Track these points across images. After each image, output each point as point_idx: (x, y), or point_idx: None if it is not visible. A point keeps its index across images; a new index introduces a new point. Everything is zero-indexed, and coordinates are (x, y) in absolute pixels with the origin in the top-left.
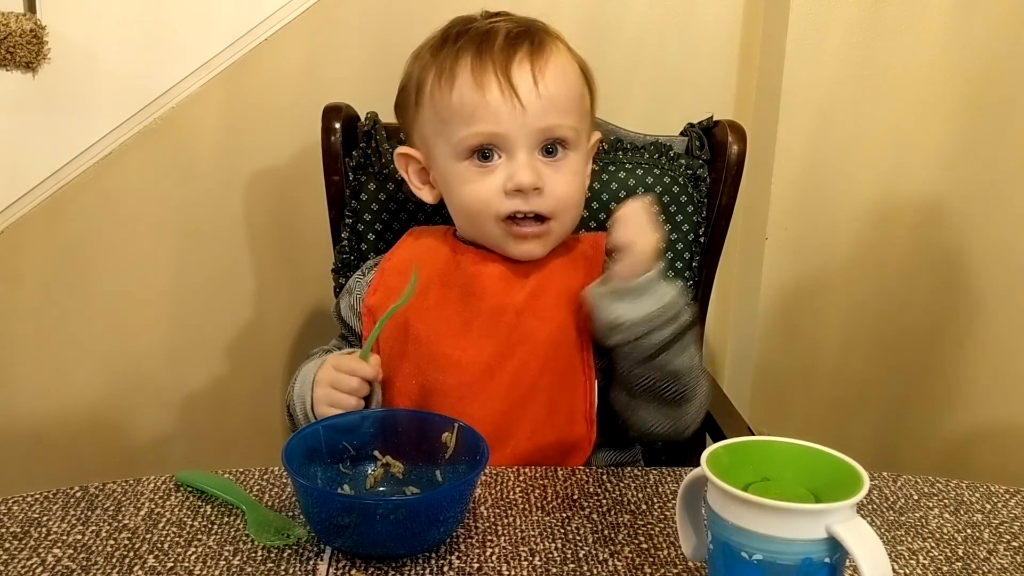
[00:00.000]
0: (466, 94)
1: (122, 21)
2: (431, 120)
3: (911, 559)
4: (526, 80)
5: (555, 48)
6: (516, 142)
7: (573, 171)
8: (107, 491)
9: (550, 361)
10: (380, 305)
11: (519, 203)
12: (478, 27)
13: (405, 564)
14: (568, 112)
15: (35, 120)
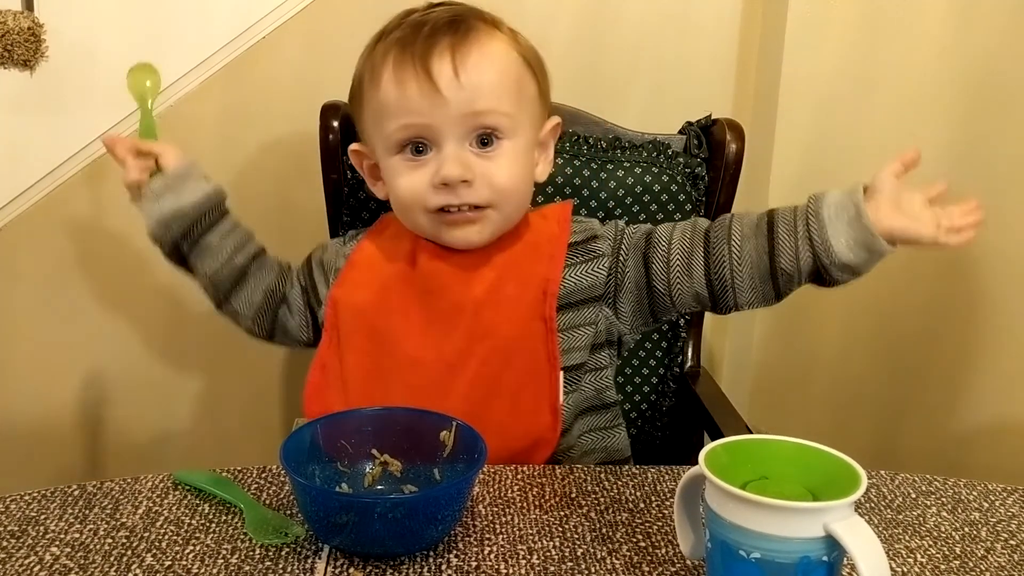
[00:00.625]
0: (388, 90)
1: (120, 19)
2: (368, 117)
3: (909, 557)
4: (446, 71)
5: (485, 35)
6: (443, 133)
7: (510, 159)
8: (105, 490)
9: (513, 355)
10: (345, 299)
11: (448, 196)
12: (411, 20)
13: (403, 562)
14: (498, 99)
15: (33, 118)
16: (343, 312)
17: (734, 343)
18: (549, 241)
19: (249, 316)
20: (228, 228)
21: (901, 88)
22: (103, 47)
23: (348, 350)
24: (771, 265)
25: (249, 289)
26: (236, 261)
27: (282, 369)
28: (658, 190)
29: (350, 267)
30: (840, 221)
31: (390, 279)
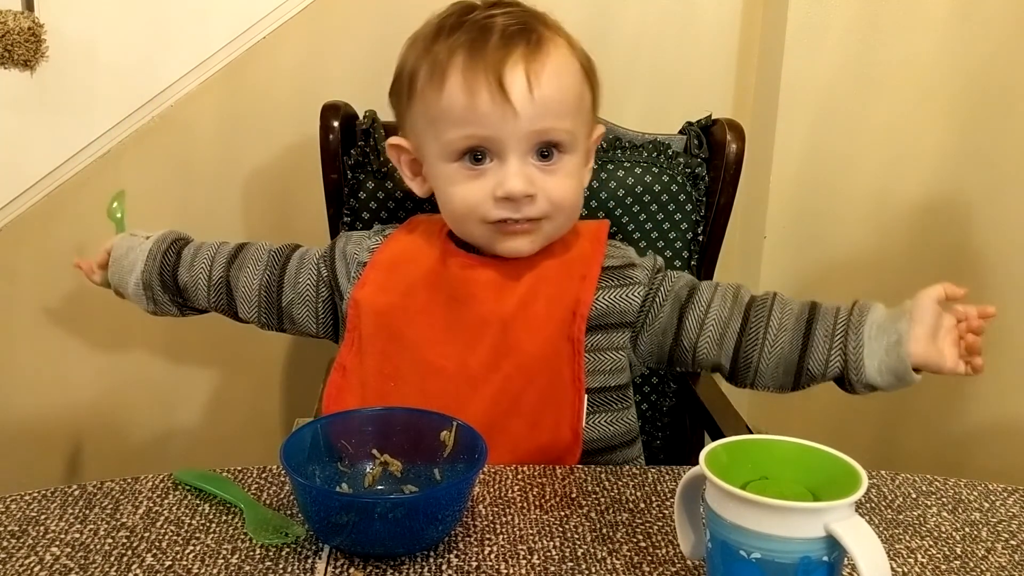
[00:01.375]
0: (455, 97)
1: (120, 19)
2: (422, 116)
3: (909, 557)
4: (519, 84)
5: (554, 46)
6: (507, 146)
7: (568, 173)
8: (105, 490)
9: (537, 375)
10: (367, 301)
11: (509, 211)
12: (474, 20)
13: (403, 562)
14: (564, 115)
15: (33, 118)
16: (365, 314)
17: None
18: (582, 261)
19: (255, 318)
20: (191, 256)
21: (901, 88)
22: (103, 47)
23: (368, 353)
24: (799, 363)
25: (241, 294)
26: (214, 277)
27: (283, 369)
28: (658, 190)
29: (373, 267)
30: (878, 343)
31: (416, 283)
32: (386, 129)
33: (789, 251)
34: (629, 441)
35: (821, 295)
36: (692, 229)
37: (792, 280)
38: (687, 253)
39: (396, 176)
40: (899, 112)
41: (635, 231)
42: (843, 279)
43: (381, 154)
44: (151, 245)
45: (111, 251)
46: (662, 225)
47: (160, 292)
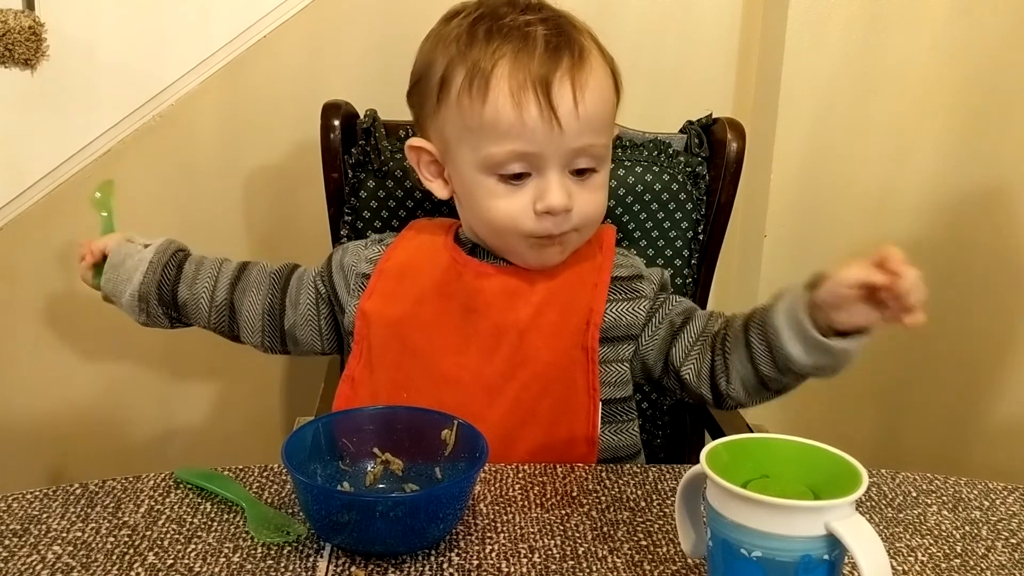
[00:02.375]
0: (502, 110)
1: (121, 18)
2: (455, 123)
3: (910, 556)
4: (566, 101)
5: (593, 59)
6: (549, 161)
7: (600, 186)
8: (107, 488)
9: (553, 384)
10: (376, 312)
11: (549, 226)
12: (511, 24)
13: (405, 561)
14: (602, 131)
15: (34, 117)
16: (374, 325)
17: None
18: (593, 269)
19: (258, 343)
20: (192, 272)
21: (902, 87)
22: (104, 46)
23: (379, 364)
24: (756, 374)
25: (244, 318)
26: (218, 299)
27: (284, 368)
28: (659, 189)
29: (379, 277)
30: (791, 331)
31: (426, 292)
32: (386, 128)
33: (789, 250)
34: (633, 454)
35: None
36: (692, 228)
37: (792, 279)
38: (687, 252)
39: (397, 175)
40: (899, 111)
41: (636, 230)
42: None
43: (382, 153)
44: (151, 256)
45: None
46: (663, 224)
47: (156, 306)
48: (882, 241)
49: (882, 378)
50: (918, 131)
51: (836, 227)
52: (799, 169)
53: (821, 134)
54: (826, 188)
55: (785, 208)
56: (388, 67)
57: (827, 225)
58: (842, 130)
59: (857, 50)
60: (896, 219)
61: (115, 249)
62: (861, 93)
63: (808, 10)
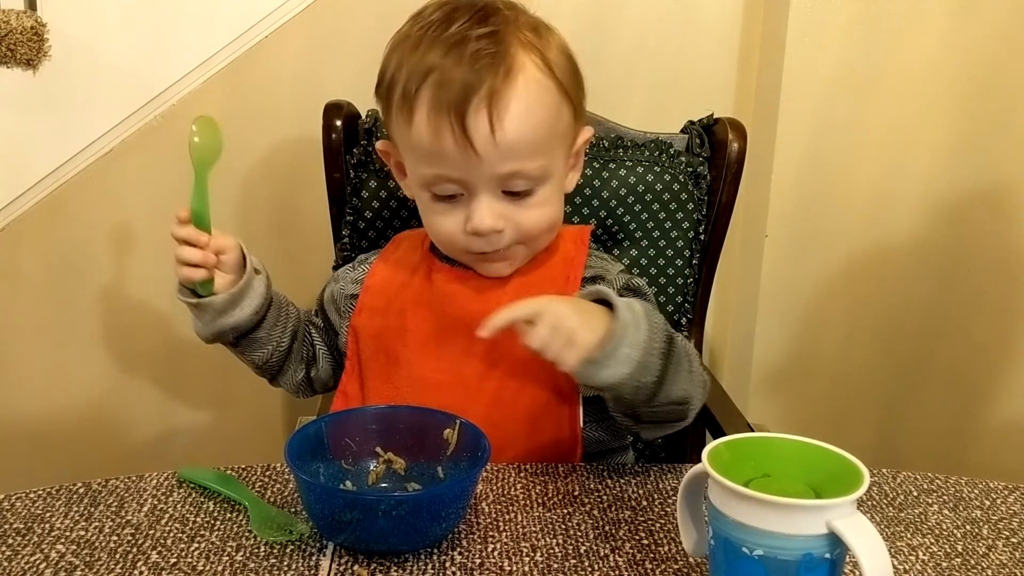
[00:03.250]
0: (423, 136)
1: (123, 18)
2: (398, 134)
3: (911, 555)
4: (482, 129)
5: (523, 76)
6: (475, 185)
7: (541, 203)
8: (110, 487)
9: (531, 380)
10: (363, 326)
11: (481, 244)
12: (452, 36)
13: (407, 560)
14: (532, 155)
15: (36, 117)
16: (363, 340)
17: (736, 342)
18: (565, 262)
19: (293, 390)
20: (274, 319)
21: (902, 86)
22: (106, 46)
23: (369, 376)
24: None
25: (292, 369)
26: (282, 346)
27: None
28: (660, 189)
29: (366, 293)
30: None
31: (406, 302)
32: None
33: (790, 250)
34: (621, 448)
35: (821, 293)
36: (694, 228)
37: (793, 279)
38: (688, 252)
39: None
40: (900, 111)
41: (637, 230)
42: (843, 277)
43: None
44: (263, 289)
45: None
46: (664, 224)
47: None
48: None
49: (883, 378)
50: (919, 131)
51: (837, 227)
52: (800, 169)
53: (822, 134)
54: (827, 188)
55: (786, 208)
56: None
57: (828, 225)
58: (843, 130)
59: (858, 50)
60: (896, 219)
61: (244, 269)
62: (862, 93)
63: (809, 10)
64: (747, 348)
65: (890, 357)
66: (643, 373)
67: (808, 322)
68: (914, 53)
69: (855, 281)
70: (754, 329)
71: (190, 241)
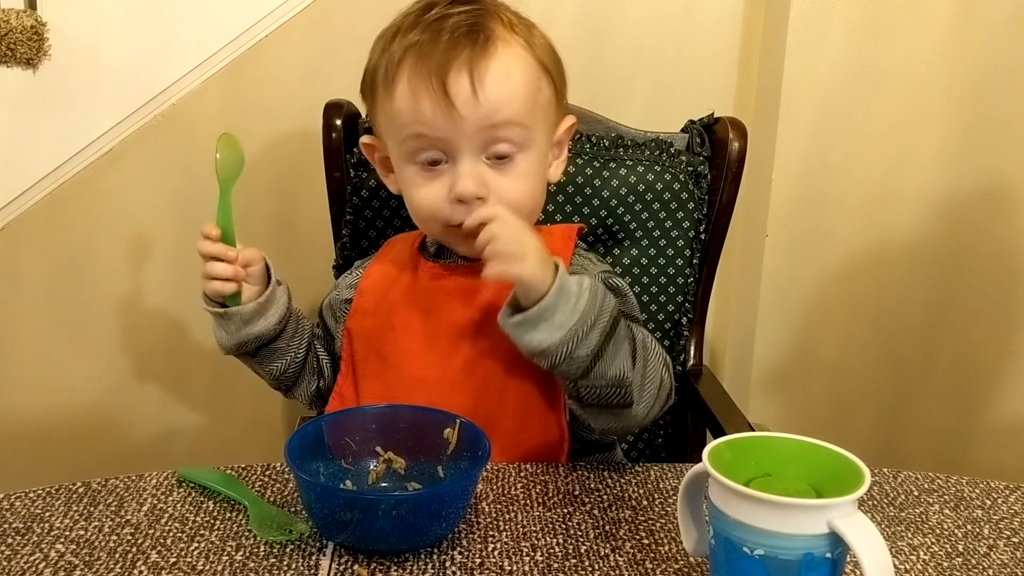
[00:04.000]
0: (402, 101)
1: (123, 18)
2: (381, 117)
3: (912, 555)
4: (463, 89)
5: (503, 46)
6: (458, 147)
7: (524, 173)
8: (109, 487)
9: (515, 375)
10: (357, 327)
11: (463, 212)
12: (430, 19)
13: (407, 559)
14: (514, 113)
15: (36, 117)
16: (356, 340)
17: (736, 341)
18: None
19: (307, 402)
20: (293, 329)
21: (903, 85)
22: (106, 46)
23: (362, 376)
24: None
25: (307, 380)
26: (298, 357)
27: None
28: (660, 188)
29: (360, 295)
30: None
31: (395, 302)
32: None
33: (791, 249)
34: (608, 446)
35: (822, 293)
36: (694, 227)
37: (793, 278)
38: (689, 251)
39: None
40: (901, 110)
41: (637, 229)
42: (844, 277)
43: None
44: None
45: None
46: (664, 223)
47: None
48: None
49: (884, 377)
50: (919, 131)
51: (837, 226)
52: (800, 169)
53: (822, 134)
54: (827, 188)
55: (786, 207)
56: None
57: (828, 224)
58: (843, 130)
59: (858, 50)
60: (897, 218)
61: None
62: (862, 93)
63: (809, 10)
64: (748, 347)
65: (891, 356)
66: (578, 345)
67: (809, 321)
68: (914, 53)
69: (855, 281)
70: (755, 328)
71: (219, 257)
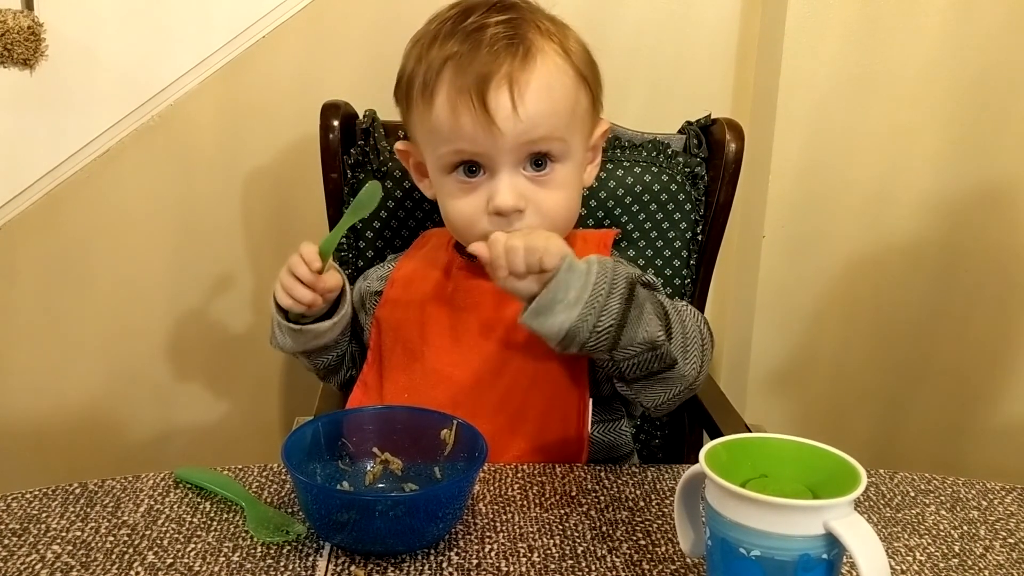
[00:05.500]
0: (442, 115)
1: (120, 18)
2: (418, 126)
3: (908, 555)
4: (503, 104)
5: (542, 57)
6: (497, 161)
7: (561, 183)
8: (106, 488)
9: (542, 379)
10: (387, 318)
11: (501, 224)
12: (467, 28)
13: (404, 560)
14: (553, 128)
15: (33, 117)
16: (384, 331)
17: (733, 342)
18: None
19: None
20: (343, 325)
21: (900, 87)
22: (103, 46)
23: (388, 368)
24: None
25: (344, 368)
26: (342, 349)
27: (283, 367)
28: (658, 189)
29: (391, 286)
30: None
31: (427, 296)
32: (385, 128)
33: (788, 250)
34: (626, 455)
35: (818, 294)
36: (691, 228)
37: (790, 279)
38: (686, 252)
39: (396, 175)
40: (898, 112)
41: (634, 231)
42: (841, 278)
43: (381, 153)
44: (348, 310)
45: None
46: (661, 224)
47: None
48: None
49: (880, 378)
50: (916, 132)
51: (834, 228)
52: (797, 170)
53: (819, 135)
54: (824, 189)
55: (783, 209)
56: (387, 67)
57: (825, 226)
58: (840, 131)
59: (855, 51)
60: (894, 219)
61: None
62: (859, 94)
63: (806, 11)
64: (745, 348)
65: (887, 357)
66: (599, 316)
67: (806, 322)
68: (911, 54)
69: (852, 282)
70: (751, 329)
71: (309, 285)
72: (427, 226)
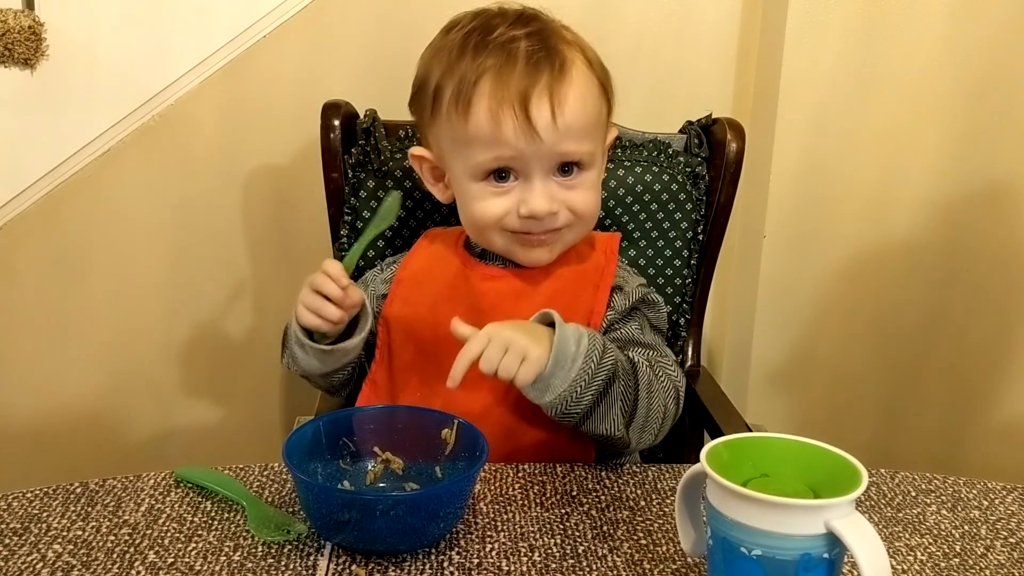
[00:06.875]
0: (483, 125)
1: (121, 18)
2: (447, 135)
3: (909, 555)
4: (544, 115)
5: (576, 70)
6: (532, 166)
7: (590, 186)
8: (107, 487)
9: None
10: (395, 316)
11: (534, 226)
12: (499, 39)
13: (405, 560)
14: (585, 137)
15: (33, 117)
16: (394, 329)
17: (734, 342)
18: (596, 271)
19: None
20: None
21: (901, 86)
22: (104, 46)
23: (398, 366)
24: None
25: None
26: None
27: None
28: (659, 189)
29: (397, 284)
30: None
31: (439, 296)
32: (386, 128)
33: (788, 250)
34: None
35: (819, 293)
36: (692, 228)
37: (791, 279)
38: (687, 252)
39: (397, 175)
40: (898, 111)
41: (635, 230)
42: (841, 278)
43: (382, 153)
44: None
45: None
46: (662, 224)
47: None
48: (881, 241)
49: (881, 378)
50: (917, 132)
51: (835, 227)
52: (798, 169)
53: (820, 134)
54: (825, 188)
55: (784, 208)
56: (388, 67)
57: (826, 225)
58: (841, 130)
59: (856, 50)
60: (894, 219)
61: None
62: (860, 93)
63: (807, 11)
64: (745, 348)
65: (888, 357)
66: (568, 405)
67: (806, 322)
68: (912, 54)
69: (853, 281)
70: (752, 329)
71: (336, 302)
72: (427, 225)
